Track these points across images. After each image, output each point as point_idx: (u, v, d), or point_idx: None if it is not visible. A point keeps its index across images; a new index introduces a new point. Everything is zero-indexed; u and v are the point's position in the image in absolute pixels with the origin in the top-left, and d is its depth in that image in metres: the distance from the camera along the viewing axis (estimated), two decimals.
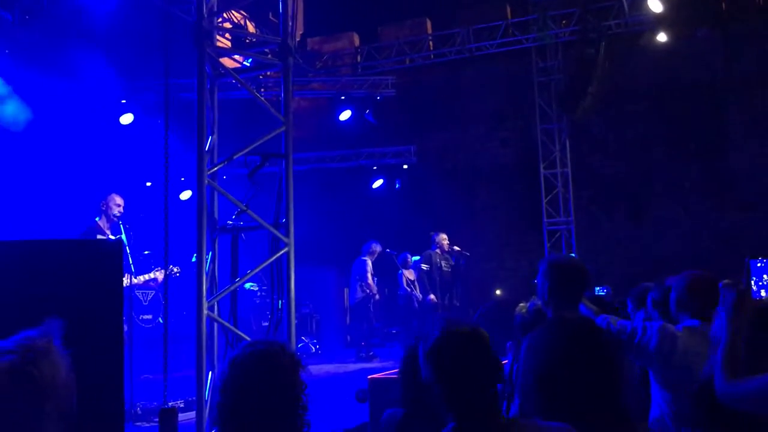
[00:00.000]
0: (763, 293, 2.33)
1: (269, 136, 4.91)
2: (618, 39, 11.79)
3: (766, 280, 2.34)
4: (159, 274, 7.56)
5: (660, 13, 11.03)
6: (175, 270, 7.24)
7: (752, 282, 2.35)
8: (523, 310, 4.18)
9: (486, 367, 2.07)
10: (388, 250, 11.50)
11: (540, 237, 12.95)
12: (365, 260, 11.18)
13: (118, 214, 7.26)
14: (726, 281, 5.70)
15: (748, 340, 2.34)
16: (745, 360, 2.32)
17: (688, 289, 3.54)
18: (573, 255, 12.22)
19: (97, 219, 7.32)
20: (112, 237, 7.17)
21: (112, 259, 3.33)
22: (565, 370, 1.95)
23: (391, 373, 6.33)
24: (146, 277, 7.59)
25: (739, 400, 2.20)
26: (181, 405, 5.91)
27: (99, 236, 7.13)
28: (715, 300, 3.57)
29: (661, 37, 11.35)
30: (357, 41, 14.49)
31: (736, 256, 10.72)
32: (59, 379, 1.77)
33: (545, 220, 12.90)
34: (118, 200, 7.32)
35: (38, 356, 1.75)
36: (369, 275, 11.07)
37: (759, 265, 2.37)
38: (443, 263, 10.56)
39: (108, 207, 7.29)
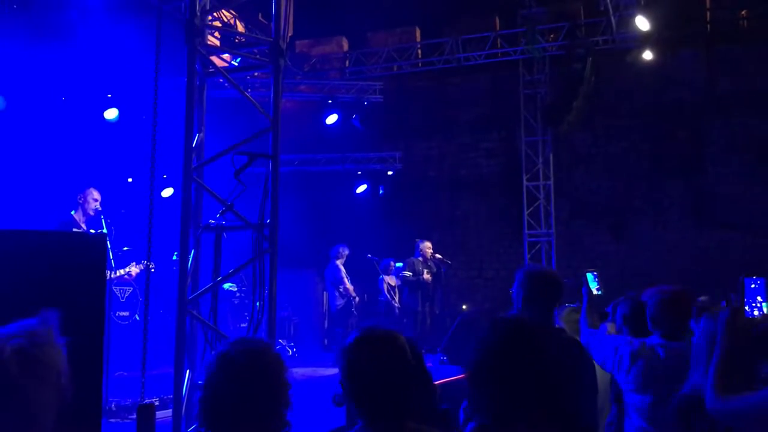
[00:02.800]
0: (756, 312, 2.36)
1: (256, 136, 4.90)
2: (605, 55, 11.92)
3: (759, 301, 2.36)
4: (134, 269, 7.50)
5: (647, 32, 11.18)
6: (151, 266, 7.20)
7: (746, 300, 2.37)
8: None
9: (395, 369, 2.17)
10: (369, 255, 11.49)
11: (520, 248, 13.02)
12: (337, 265, 11.15)
13: (95, 209, 7.20)
14: (703, 298, 5.75)
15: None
16: None
17: (660, 306, 3.57)
18: (550, 266, 12.29)
19: (72, 212, 7.25)
20: (92, 231, 7.11)
21: (95, 252, 3.30)
22: (497, 369, 1.94)
23: None
24: (122, 271, 7.53)
25: (730, 417, 2.22)
26: (157, 402, 5.85)
27: (75, 230, 7.06)
28: (688, 315, 3.62)
29: (647, 56, 11.51)
30: (346, 46, 14.51)
31: (714, 273, 10.89)
32: (60, 366, 1.81)
33: (526, 231, 12.97)
34: (96, 195, 7.25)
35: (43, 341, 1.79)
36: (345, 279, 11.05)
37: (753, 286, 2.39)
38: (425, 271, 10.58)
39: (85, 201, 7.22)
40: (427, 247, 10.78)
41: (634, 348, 3.55)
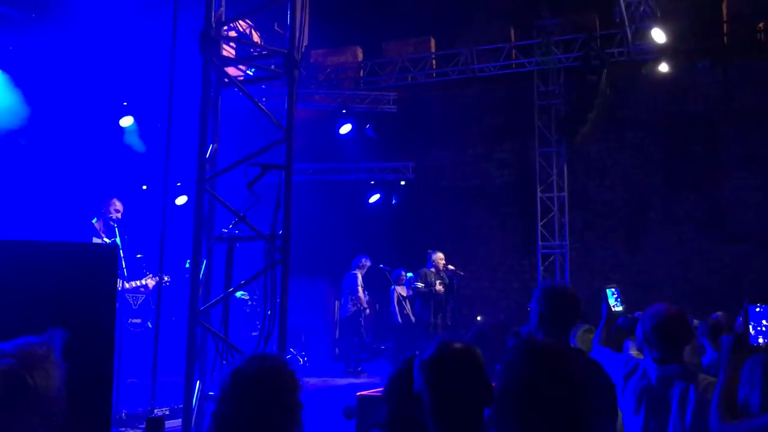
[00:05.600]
0: (760, 339, 2.33)
1: (270, 147, 4.90)
2: (620, 67, 11.88)
3: (764, 326, 2.33)
4: (150, 282, 7.52)
5: (662, 44, 11.14)
6: (166, 279, 7.22)
7: (750, 326, 2.34)
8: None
9: (477, 385, 2.15)
10: (381, 265, 11.48)
11: (533, 260, 12.96)
12: (355, 274, 11.19)
13: (116, 219, 7.24)
14: (719, 313, 5.66)
15: None
16: None
17: (654, 330, 3.45)
18: (566, 282, 12.24)
19: (93, 221, 7.30)
20: (107, 240, 7.14)
21: (107, 262, 3.31)
22: (523, 392, 1.95)
23: (380, 390, 6.30)
24: (137, 283, 7.55)
25: None
26: (167, 412, 5.87)
27: (95, 238, 7.11)
28: (683, 339, 3.51)
29: (663, 68, 11.45)
30: (360, 56, 14.55)
31: (728, 287, 10.74)
32: (51, 390, 1.76)
33: (539, 243, 12.91)
34: (118, 205, 7.31)
35: (35, 364, 1.75)
36: (359, 289, 11.07)
37: (758, 309, 2.36)
38: (438, 282, 10.55)
39: (107, 210, 7.27)
40: (439, 258, 10.74)
41: (628, 369, 3.50)
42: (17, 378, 1.71)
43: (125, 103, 9.88)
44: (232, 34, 9.62)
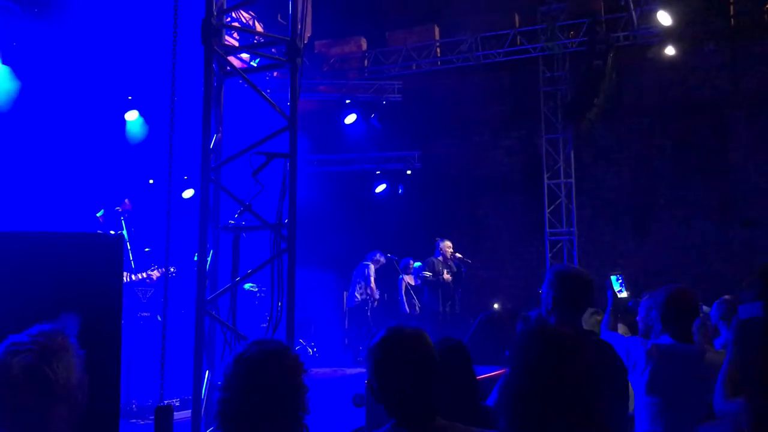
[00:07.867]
0: None
1: (274, 135, 4.89)
2: (626, 51, 11.79)
3: None
4: (155, 273, 7.55)
5: (669, 27, 11.05)
6: (172, 270, 7.25)
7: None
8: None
9: (424, 368, 2.15)
10: (389, 255, 11.48)
11: (542, 247, 12.92)
12: (368, 265, 11.20)
13: (121, 212, 7.27)
14: (726, 297, 5.65)
15: None
16: None
17: (667, 304, 3.51)
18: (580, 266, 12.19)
19: (99, 214, 7.32)
20: (112, 232, 7.16)
21: (112, 254, 3.30)
22: (532, 378, 1.92)
23: None
24: (144, 274, 7.57)
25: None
26: (177, 403, 5.89)
27: (99, 231, 7.13)
28: (694, 314, 3.55)
29: (669, 51, 11.36)
30: (365, 45, 14.48)
31: (738, 272, 10.66)
32: (73, 380, 1.74)
33: (547, 230, 12.87)
34: (127, 205, 7.35)
35: (53, 356, 1.72)
36: (372, 279, 11.07)
37: None
38: (445, 271, 10.52)
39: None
40: (447, 246, 10.72)
41: (648, 348, 3.51)
42: (38, 373, 1.69)
43: (130, 98, 9.87)
44: (236, 25, 9.58)
